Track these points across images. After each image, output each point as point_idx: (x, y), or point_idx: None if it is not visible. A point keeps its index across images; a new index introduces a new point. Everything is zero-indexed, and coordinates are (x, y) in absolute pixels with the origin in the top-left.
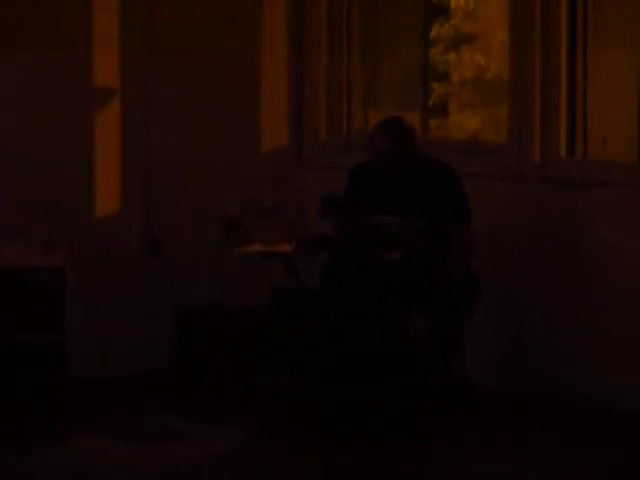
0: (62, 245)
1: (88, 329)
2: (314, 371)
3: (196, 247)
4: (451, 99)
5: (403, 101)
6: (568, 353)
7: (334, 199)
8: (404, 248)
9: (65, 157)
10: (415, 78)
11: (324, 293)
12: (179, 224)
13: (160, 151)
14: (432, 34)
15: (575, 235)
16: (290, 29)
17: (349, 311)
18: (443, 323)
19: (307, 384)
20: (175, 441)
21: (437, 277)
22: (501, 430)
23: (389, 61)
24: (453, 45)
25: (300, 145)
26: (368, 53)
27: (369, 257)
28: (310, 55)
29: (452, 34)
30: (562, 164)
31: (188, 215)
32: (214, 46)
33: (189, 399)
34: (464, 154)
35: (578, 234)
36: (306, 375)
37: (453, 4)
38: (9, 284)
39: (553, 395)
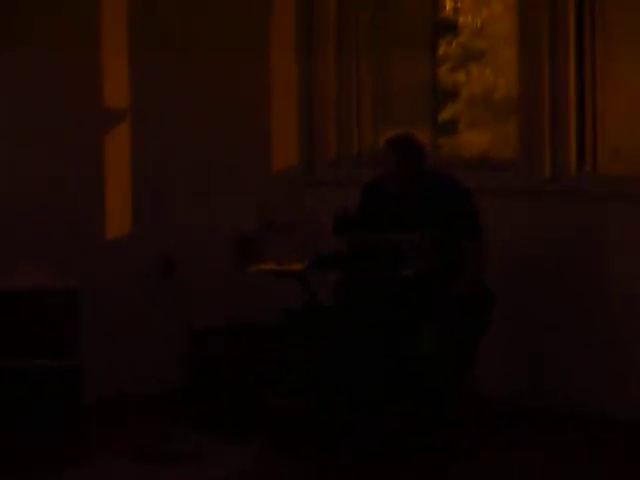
0: (75, 268)
1: (103, 352)
2: (329, 391)
3: (210, 266)
4: (461, 116)
5: (413, 118)
6: (582, 368)
7: (346, 217)
8: (417, 265)
9: (76, 178)
10: (424, 95)
11: (337, 311)
12: (193, 243)
13: (172, 170)
14: (440, 52)
15: (588, 250)
16: (299, 48)
17: (362, 329)
18: (457, 339)
19: (322, 404)
20: (191, 461)
21: (450, 293)
22: (513, 446)
23: (398, 78)
24: (461, 62)
25: (311, 163)
26: (377, 70)
27: (382, 274)
28: (319, 72)
29: (460, 52)
30: (572, 179)
31: (202, 234)
32: (227, 69)
33: (205, 419)
34: (474, 171)
35: (590, 249)
36: (321, 395)
37: (461, 21)
38: (24, 308)
39: (566, 409)
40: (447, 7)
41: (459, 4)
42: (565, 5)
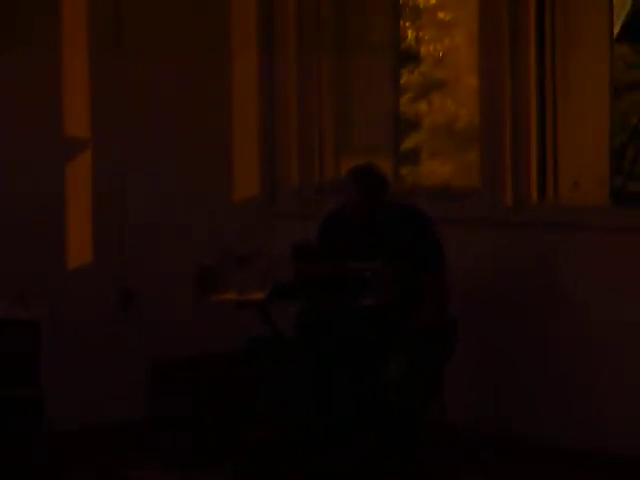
0: (37, 300)
1: (64, 382)
2: (295, 421)
3: (172, 297)
4: (423, 146)
5: (374, 148)
6: (544, 396)
7: (306, 246)
8: (378, 295)
9: (37, 207)
10: (387, 125)
11: (298, 341)
12: (154, 274)
13: (133, 201)
14: (402, 81)
15: (549, 279)
16: (261, 83)
17: (324, 359)
18: (419, 369)
19: (289, 433)
20: None
21: (413, 322)
22: (477, 472)
23: (360, 108)
24: (423, 92)
25: (273, 194)
26: (339, 101)
27: (342, 304)
28: (281, 104)
29: (422, 81)
30: (534, 208)
31: (163, 265)
32: (186, 104)
33: (171, 449)
34: (436, 200)
35: (551, 278)
36: (287, 425)
37: (423, 51)
38: None
39: (530, 437)
40: (409, 37)
41: (421, 34)
42: (526, 37)
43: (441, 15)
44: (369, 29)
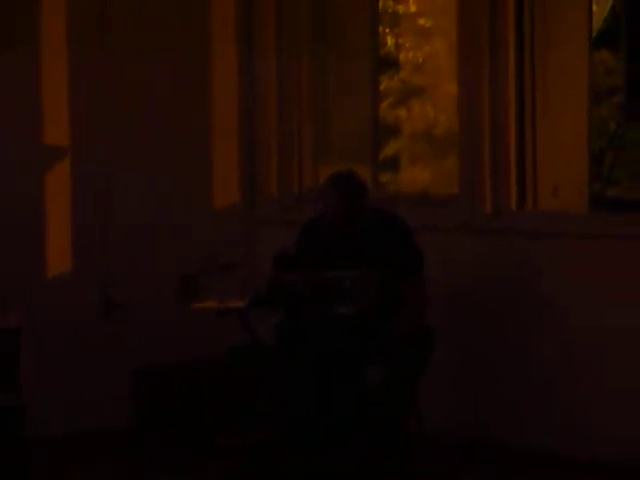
0: (17, 306)
1: (44, 389)
2: (278, 425)
3: (152, 305)
4: (402, 152)
5: (354, 155)
6: (526, 402)
7: (285, 255)
8: (357, 302)
9: (17, 216)
10: (366, 131)
11: (277, 349)
12: (135, 281)
13: (114, 209)
14: (382, 87)
15: (528, 286)
16: (241, 86)
17: (303, 367)
18: (397, 376)
19: (271, 439)
20: None
21: (390, 329)
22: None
23: (340, 114)
24: (403, 98)
25: (253, 202)
26: (319, 108)
27: (321, 313)
28: (260, 113)
29: (401, 87)
30: (513, 215)
31: (144, 273)
32: (166, 106)
33: (155, 456)
34: (416, 207)
35: (531, 285)
36: (269, 431)
37: (402, 57)
38: None
39: (512, 442)
40: (389, 43)
41: (401, 40)
42: (505, 43)
43: (421, 22)
44: (348, 35)
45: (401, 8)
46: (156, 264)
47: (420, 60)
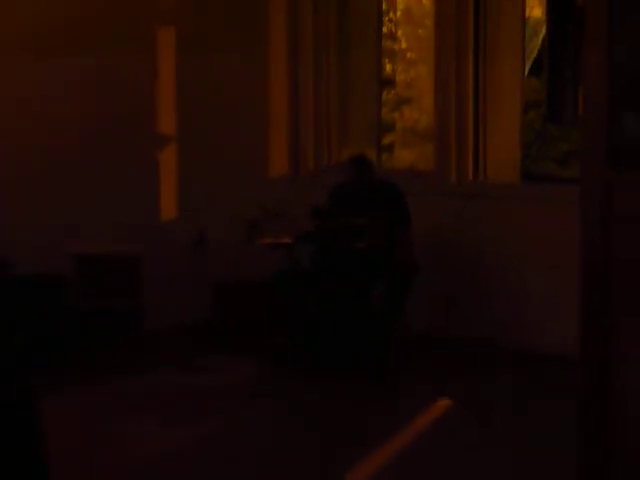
0: (136, 238)
1: (156, 296)
2: (308, 330)
3: (229, 241)
4: (396, 141)
5: (365, 142)
6: (468, 308)
7: (319, 209)
8: (368, 240)
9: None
10: (372, 127)
11: (314, 273)
12: (216, 224)
13: (201, 165)
14: (383, 99)
15: (480, 233)
16: (290, 91)
17: (331, 285)
18: (394, 294)
19: (303, 339)
20: (217, 371)
21: (392, 259)
22: (428, 362)
23: (355, 116)
24: (397, 106)
25: (296, 171)
26: (342, 110)
27: (344, 247)
28: (302, 109)
29: (396, 98)
30: (470, 184)
31: (223, 218)
32: (243, 99)
33: (223, 344)
34: (406, 179)
35: (482, 233)
36: (302, 333)
37: (397, 78)
38: (104, 265)
39: (471, 337)
40: (387, 68)
41: (395, 66)
42: (466, 69)
43: (409, 55)
44: (361, 64)
45: (397, 46)
46: (229, 213)
47: (409, 80)
